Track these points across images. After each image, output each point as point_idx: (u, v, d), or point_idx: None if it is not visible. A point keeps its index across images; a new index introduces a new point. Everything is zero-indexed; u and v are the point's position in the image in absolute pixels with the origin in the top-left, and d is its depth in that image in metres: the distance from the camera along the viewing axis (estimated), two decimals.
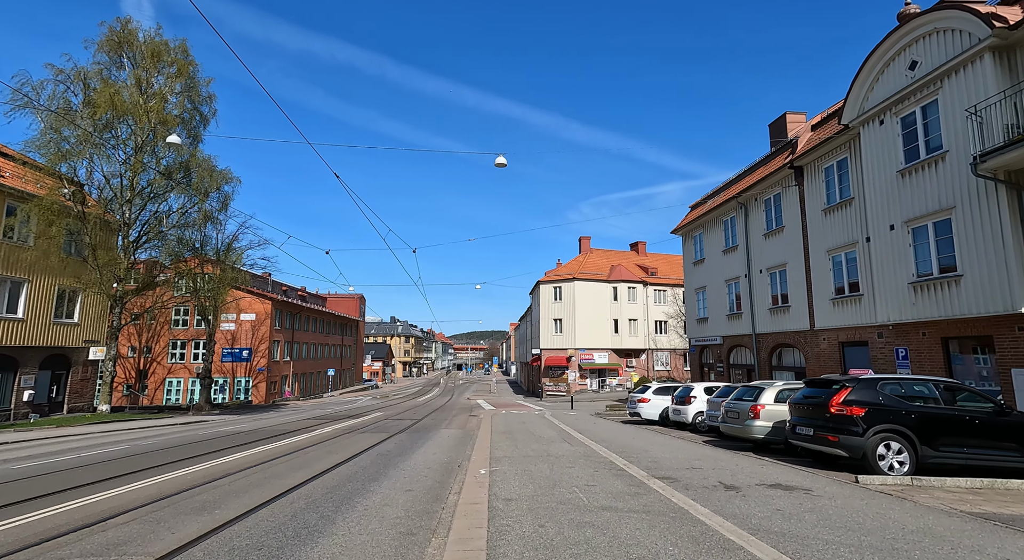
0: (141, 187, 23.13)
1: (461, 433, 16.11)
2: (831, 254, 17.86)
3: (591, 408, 30.78)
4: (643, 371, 49.96)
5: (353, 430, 16.89)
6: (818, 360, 18.51)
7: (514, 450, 11.26)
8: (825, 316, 18.08)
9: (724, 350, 25.50)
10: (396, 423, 19.78)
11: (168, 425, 19.98)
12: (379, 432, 16.03)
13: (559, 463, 9.49)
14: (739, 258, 23.96)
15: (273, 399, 45.03)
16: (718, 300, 25.99)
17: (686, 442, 13.20)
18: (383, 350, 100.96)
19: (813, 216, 18.79)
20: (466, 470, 8.83)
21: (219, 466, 9.63)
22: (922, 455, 8.17)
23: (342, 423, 19.97)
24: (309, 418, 23.19)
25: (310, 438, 14.49)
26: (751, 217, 23.10)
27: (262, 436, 14.99)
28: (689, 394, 16.23)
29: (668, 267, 54.95)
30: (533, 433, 15.04)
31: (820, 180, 18.44)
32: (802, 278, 19.44)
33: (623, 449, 11.56)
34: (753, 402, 11.06)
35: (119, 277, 21.92)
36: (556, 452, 10.99)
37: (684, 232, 30.14)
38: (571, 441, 13.09)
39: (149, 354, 45.37)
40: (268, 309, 46.51)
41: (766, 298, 21.77)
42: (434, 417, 23.52)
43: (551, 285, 49.70)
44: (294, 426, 18.63)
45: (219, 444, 13.04)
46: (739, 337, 24.04)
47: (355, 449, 11.87)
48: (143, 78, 22.79)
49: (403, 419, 21.94)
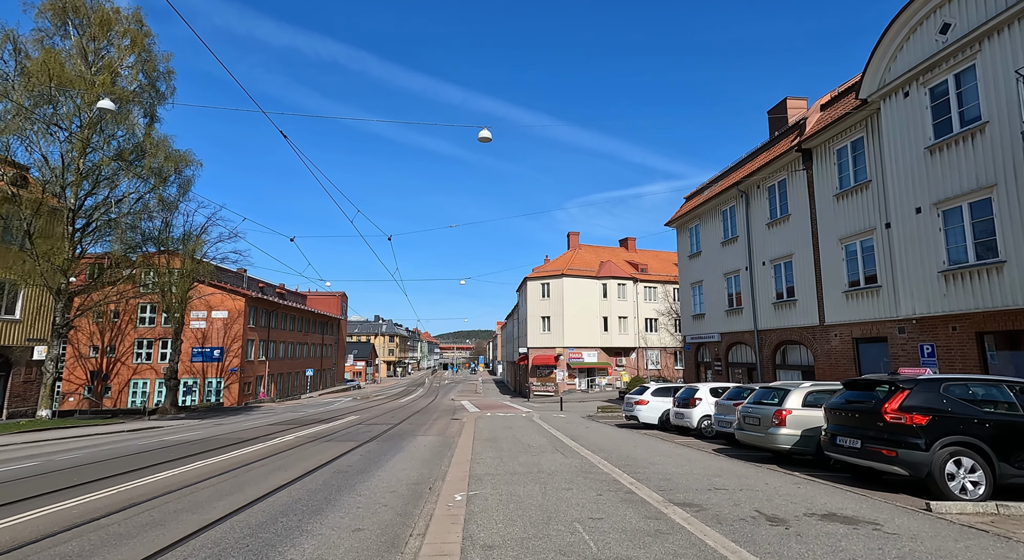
0: (87, 169, 20.91)
1: (440, 441, 14.35)
2: (844, 243, 16.43)
3: (581, 409, 29.19)
4: (633, 370, 48.58)
5: (318, 438, 15.03)
6: (828, 358, 17.09)
7: (499, 464, 9.55)
8: (837, 310, 16.65)
9: (722, 348, 24.06)
10: (369, 429, 17.94)
11: (111, 433, 17.91)
12: (346, 441, 14.20)
13: (553, 483, 7.80)
14: (739, 250, 22.52)
15: (246, 401, 42.72)
16: (716, 295, 24.55)
17: (695, 451, 11.60)
18: (366, 350, 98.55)
19: (823, 202, 17.36)
20: (438, 494, 7.11)
21: (125, 493, 7.76)
22: (1000, 474, 6.64)
23: (309, 429, 18.08)
24: (276, 423, 21.23)
25: (264, 449, 12.62)
26: (753, 206, 21.66)
27: (209, 447, 13.08)
28: (693, 396, 14.66)
29: (659, 264, 53.68)
30: (521, 440, 13.36)
31: (832, 163, 17.00)
32: (810, 270, 18.01)
33: (626, 462, 9.91)
34: (777, 406, 9.48)
35: (61, 268, 19.72)
36: (548, 466, 9.31)
37: (679, 224, 28.68)
38: (564, 451, 11.42)
39: (113, 354, 42.77)
40: (241, 306, 44.17)
41: (769, 292, 20.33)
42: (413, 421, 21.71)
43: (539, 282, 48.07)
44: (253, 433, 16.71)
45: (148, 459, 11.13)
46: (739, 334, 22.61)
47: (311, 464, 10.06)
48: (89, 48, 20.57)
49: (378, 424, 20.10)
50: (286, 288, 66.66)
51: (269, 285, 60.47)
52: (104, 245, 22.08)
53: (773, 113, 25.08)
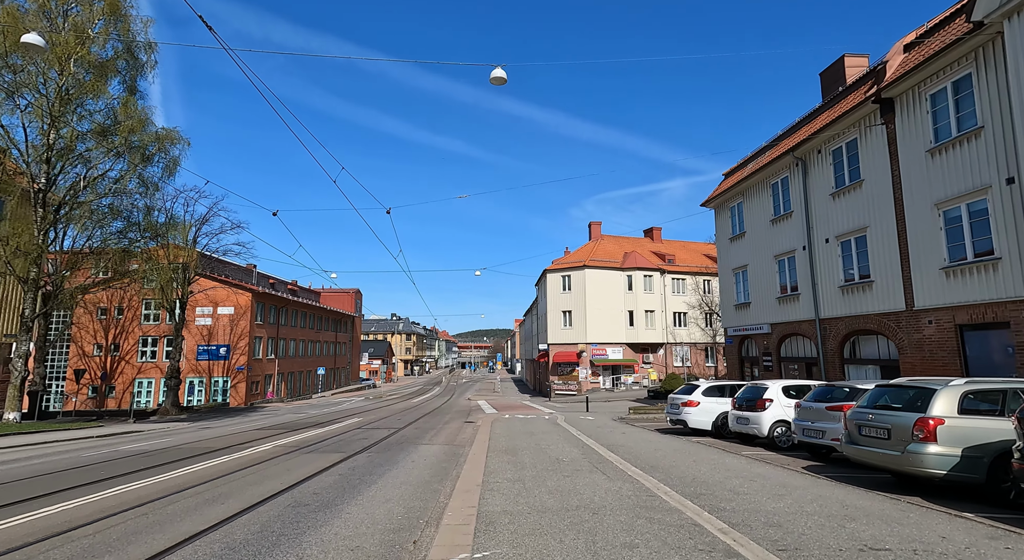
0: (60, 146, 18.76)
1: (447, 452, 11.71)
2: (942, 208, 13.32)
3: (609, 411, 26.33)
4: (661, 368, 45.45)
5: (302, 447, 12.51)
6: (920, 350, 14.00)
7: (520, 493, 6.86)
8: (933, 291, 13.56)
9: (773, 340, 20.98)
10: (367, 435, 15.39)
11: (74, 439, 15.68)
12: (333, 451, 11.63)
13: (604, 531, 5.07)
14: (794, 227, 19.44)
15: (252, 401, 40.75)
16: (764, 281, 21.46)
17: (784, 472, 8.73)
18: (382, 348, 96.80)
19: (911, 161, 14.26)
20: (425, 558, 4.42)
21: None
22: None
23: (299, 434, 15.61)
24: (267, 426, 18.86)
25: (223, 465, 10.11)
26: (812, 174, 18.56)
27: (161, 461, 10.63)
28: (761, 397, 11.74)
29: (686, 254, 50.37)
30: (546, 452, 10.64)
31: (923, 112, 13.89)
32: (892, 244, 14.93)
33: (696, 488, 7.13)
34: (920, 413, 6.59)
35: (25, 253, 17.59)
36: (589, 496, 6.59)
37: (717, 204, 25.59)
38: (605, 468, 8.67)
39: (117, 353, 41.18)
40: (248, 302, 42.22)
41: (836, 273, 17.25)
42: (421, 425, 19.13)
43: (559, 274, 45.21)
44: (232, 440, 14.28)
45: (63, 481, 8.66)
46: (794, 324, 19.53)
47: (265, 490, 7.48)
48: (54, 8, 18.42)
49: (380, 428, 17.56)
50: (299, 285, 64.88)
51: (280, 281, 58.68)
52: (84, 231, 19.92)
53: (827, 74, 21.89)
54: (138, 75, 20.51)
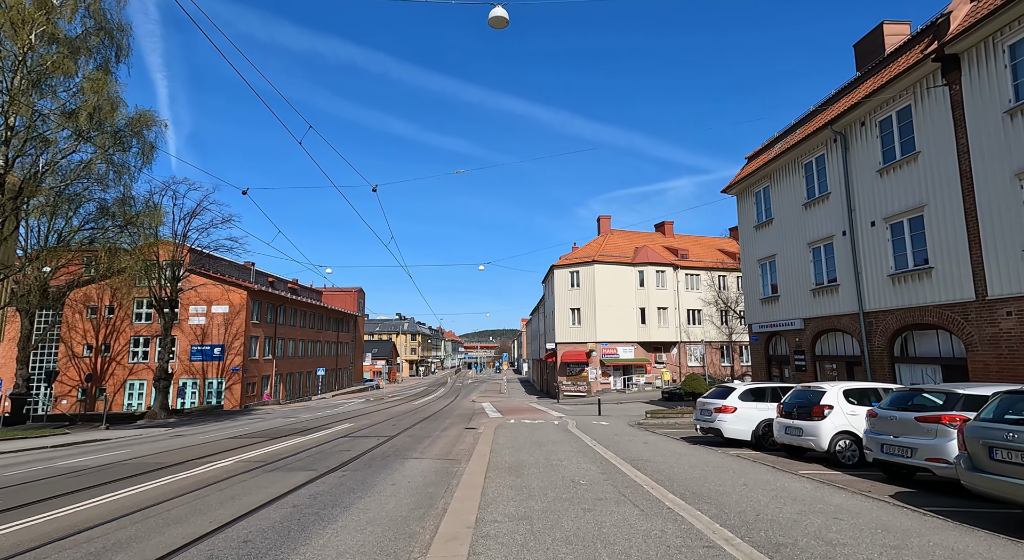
0: (19, 128, 17.02)
1: (438, 469, 9.79)
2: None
3: (623, 414, 24.31)
4: (674, 367, 43.35)
5: (267, 463, 10.62)
6: (995, 346, 11.91)
7: (527, 536, 4.92)
8: (1013, 277, 11.48)
9: (807, 337, 18.90)
10: (351, 445, 13.49)
11: (16, 452, 13.87)
12: (300, 470, 9.73)
13: None
14: (832, 210, 17.37)
15: (248, 403, 39.03)
16: (796, 271, 19.39)
17: (871, 503, 6.71)
18: (386, 348, 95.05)
19: (984, 125, 12.17)
20: None
21: None
22: None
23: (273, 445, 13.73)
24: (241, 435, 17.03)
25: (157, 490, 8.25)
26: (855, 150, 16.47)
27: (80, 486, 8.79)
28: (818, 402, 9.70)
29: (699, 249, 48.21)
30: (559, 470, 8.69)
31: (1000, 65, 11.81)
32: (958, 224, 12.85)
33: (768, 531, 5.16)
34: None
35: None
36: (623, 550, 4.66)
37: (740, 189, 23.51)
38: (636, 497, 6.71)
39: (108, 353, 39.61)
40: (243, 300, 40.53)
41: (884, 261, 15.17)
42: (416, 432, 17.23)
43: (567, 270, 43.21)
44: (194, 453, 12.44)
45: None
46: (833, 318, 17.45)
47: (180, 536, 5.61)
48: None
49: (369, 436, 15.66)
50: (300, 284, 63.24)
51: (280, 280, 57.03)
52: (44, 215, 18.18)
53: (862, 45, 19.81)
54: (113, 57, 18.77)
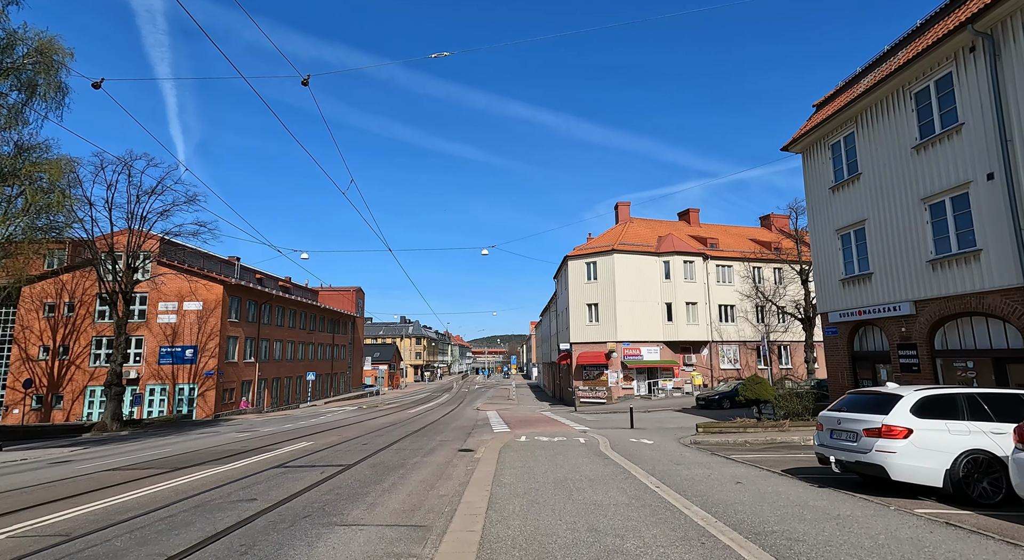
0: None
1: (392, 539, 4.98)
2: None
3: (660, 426, 19.39)
4: (705, 370, 38.31)
5: (71, 538, 5.90)
6: None
7: None
8: None
9: (920, 325, 13.95)
10: (272, 486, 8.76)
11: None
12: (143, 545, 4.98)
13: None
14: (967, 148, 12.50)
15: (219, 412, 34.40)
16: (902, 238, 14.47)
17: None
18: (389, 352, 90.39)
19: None
20: None
21: None
22: None
23: (147, 488, 9.03)
24: (142, 463, 12.38)
25: None
26: (1009, 56, 11.59)
27: None
28: None
29: (729, 239, 43.18)
30: None
31: None
32: None
33: None
34: None
35: None
36: None
37: (807, 143, 18.63)
38: None
39: (67, 356, 35.22)
40: (220, 295, 36.04)
41: None
42: (388, 457, 12.45)
43: (582, 261, 38.36)
44: (58, 492, 7.74)
45: None
46: (968, 298, 12.53)
47: None
48: None
49: (316, 467, 10.90)
50: (293, 282, 58.82)
51: (269, 277, 52.62)
52: None
53: None
54: None
